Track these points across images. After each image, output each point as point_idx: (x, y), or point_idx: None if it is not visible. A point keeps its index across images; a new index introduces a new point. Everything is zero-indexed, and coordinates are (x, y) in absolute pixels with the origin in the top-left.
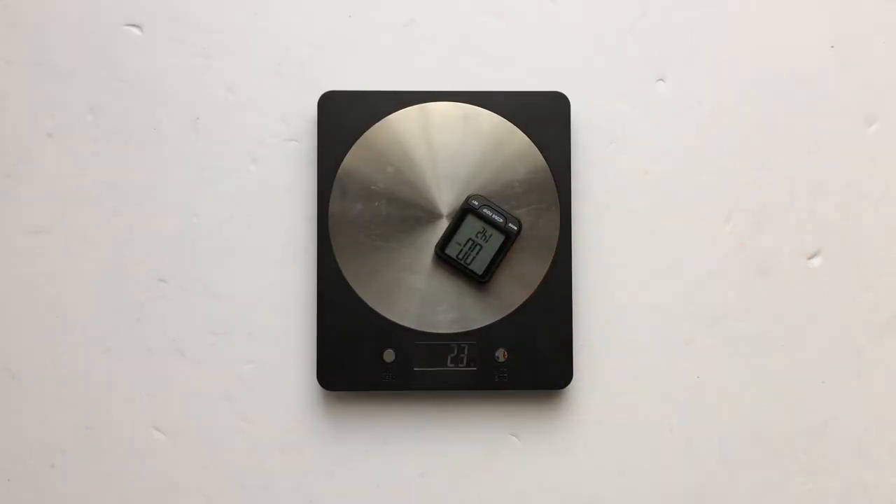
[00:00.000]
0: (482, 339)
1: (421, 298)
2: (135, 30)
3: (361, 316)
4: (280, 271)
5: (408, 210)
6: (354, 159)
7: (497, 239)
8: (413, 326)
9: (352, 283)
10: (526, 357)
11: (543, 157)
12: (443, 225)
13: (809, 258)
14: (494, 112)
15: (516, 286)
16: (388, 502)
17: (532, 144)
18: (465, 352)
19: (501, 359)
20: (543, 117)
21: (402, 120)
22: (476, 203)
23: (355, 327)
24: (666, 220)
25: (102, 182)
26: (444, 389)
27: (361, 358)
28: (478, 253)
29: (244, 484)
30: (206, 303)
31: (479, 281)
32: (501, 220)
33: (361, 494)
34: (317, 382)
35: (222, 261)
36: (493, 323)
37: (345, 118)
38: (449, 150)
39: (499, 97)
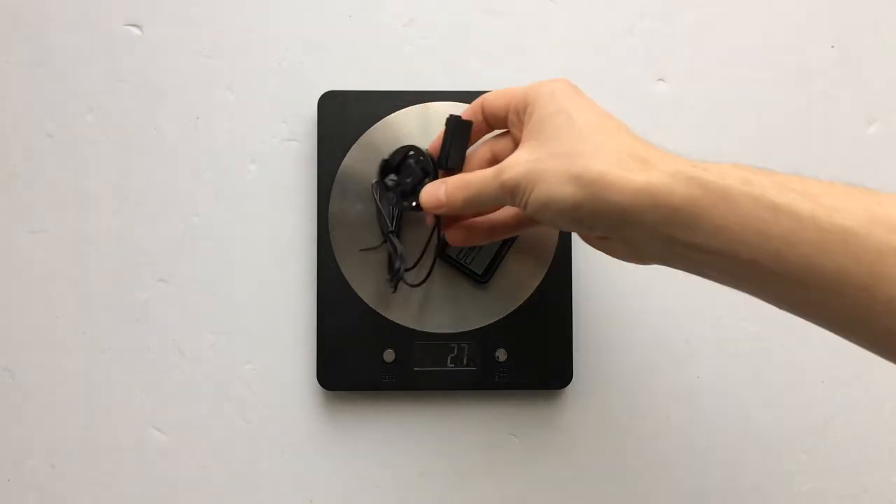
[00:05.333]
0: (482, 339)
1: (421, 298)
2: (135, 30)
3: (361, 316)
4: (280, 271)
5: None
6: (354, 159)
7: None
8: (413, 326)
9: (352, 283)
10: (526, 357)
11: None
12: None
13: None
14: None
15: (516, 286)
16: (388, 502)
17: None
18: (465, 352)
19: (501, 359)
20: None
21: (402, 120)
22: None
23: (355, 327)
24: None
25: (102, 182)
26: (444, 389)
27: (361, 358)
28: (478, 253)
29: (244, 484)
30: (206, 303)
31: (479, 281)
32: None
33: (361, 494)
34: (317, 382)
35: (222, 261)
36: (493, 323)
37: (345, 118)
38: None
39: None
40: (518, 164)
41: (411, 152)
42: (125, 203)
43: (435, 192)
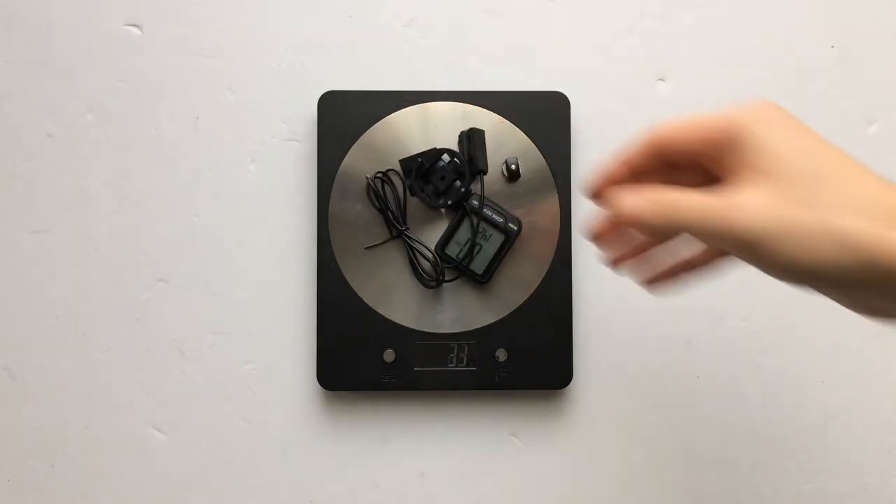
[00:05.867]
0: (482, 339)
1: (421, 298)
2: (135, 30)
3: (361, 316)
4: (280, 271)
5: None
6: (354, 159)
7: (497, 239)
8: (413, 326)
9: (352, 283)
10: (526, 357)
11: (543, 157)
12: (443, 225)
13: None
14: (494, 112)
15: (516, 286)
16: (388, 502)
17: (532, 144)
18: (465, 352)
19: (501, 359)
20: (543, 117)
21: (402, 120)
22: (476, 203)
23: (355, 327)
24: None
25: (102, 182)
26: (444, 389)
27: (361, 358)
28: (478, 253)
29: (244, 484)
30: (206, 303)
31: (479, 281)
32: (501, 220)
33: (361, 494)
34: (317, 382)
35: (222, 261)
36: (493, 323)
37: (345, 118)
38: None
39: (499, 97)
40: (752, 208)
41: (444, 155)
42: (125, 203)
43: (637, 200)
